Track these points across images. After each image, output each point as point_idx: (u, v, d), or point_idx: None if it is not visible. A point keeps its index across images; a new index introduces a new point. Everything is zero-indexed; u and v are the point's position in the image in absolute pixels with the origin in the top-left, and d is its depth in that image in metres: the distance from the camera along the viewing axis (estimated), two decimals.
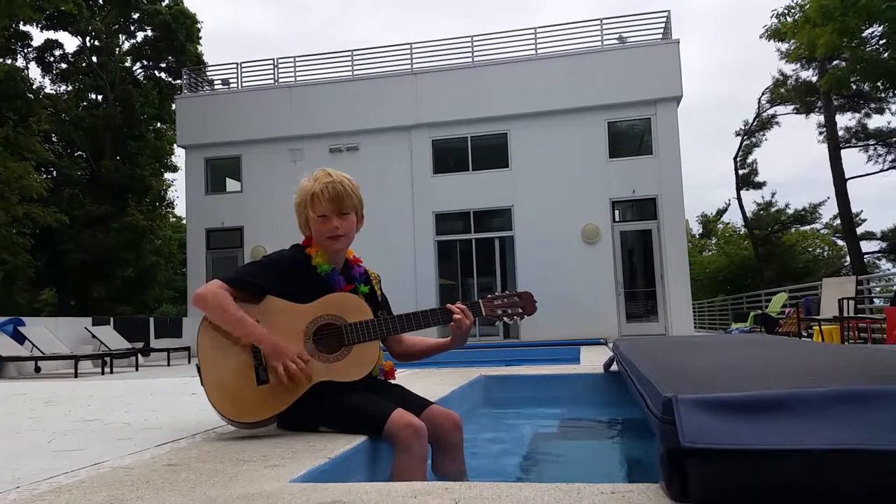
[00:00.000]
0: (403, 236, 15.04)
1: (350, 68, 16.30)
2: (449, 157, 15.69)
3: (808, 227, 36.71)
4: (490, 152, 15.37)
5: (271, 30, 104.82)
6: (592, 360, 5.67)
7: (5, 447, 2.19)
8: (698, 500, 1.16)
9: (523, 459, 2.92)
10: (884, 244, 31.04)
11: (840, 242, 34.60)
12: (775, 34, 18.15)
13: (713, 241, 43.18)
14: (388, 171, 15.21)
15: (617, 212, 14.67)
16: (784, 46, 23.14)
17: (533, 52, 15.47)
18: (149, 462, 1.78)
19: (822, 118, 26.92)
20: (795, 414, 1.20)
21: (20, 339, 10.08)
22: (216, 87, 17.76)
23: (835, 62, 20.12)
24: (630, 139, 15.51)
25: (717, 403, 1.21)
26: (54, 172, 26.27)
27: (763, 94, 31.53)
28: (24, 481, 1.59)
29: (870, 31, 15.54)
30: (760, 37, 18.71)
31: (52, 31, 26.64)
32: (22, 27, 25.08)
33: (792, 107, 29.72)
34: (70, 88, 28.30)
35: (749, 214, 34.73)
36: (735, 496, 1.13)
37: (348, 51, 16.31)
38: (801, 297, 12.58)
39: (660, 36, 15.18)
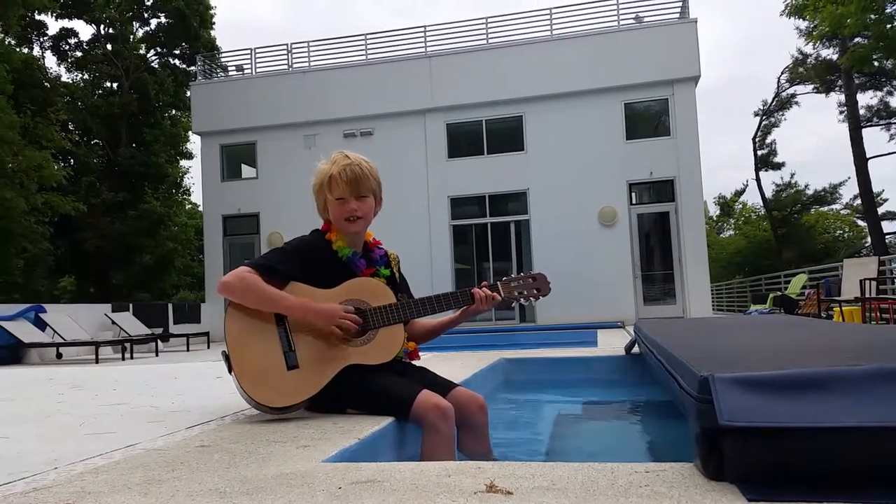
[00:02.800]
0: (419, 221, 15.02)
1: (364, 53, 16.23)
2: (463, 141, 15.61)
3: (828, 208, 36.27)
4: (505, 135, 15.28)
5: (279, 17, 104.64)
6: (611, 343, 5.66)
7: (38, 430, 2.22)
8: (735, 479, 1.16)
9: (548, 441, 2.92)
10: None
11: (861, 223, 34.13)
12: (796, 10, 17.81)
13: (732, 222, 42.79)
14: (402, 155, 15.17)
15: (634, 194, 14.55)
16: (803, 24, 22.76)
17: (548, 33, 15.30)
18: (181, 443, 1.80)
19: (842, 97, 26.48)
20: (834, 392, 1.18)
21: (41, 325, 10.22)
22: (230, 73, 17.77)
23: (856, 39, 19.74)
24: (647, 120, 15.35)
25: (755, 382, 1.20)
26: (72, 161, 26.51)
27: (782, 73, 31.12)
28: (61, 462, 1.62)
29: (893, 7, 15.19)
30: (781, 14, 18.40)
31: (66, 20, 26.84)
32: (37, 16, 25.22)
33: (812, 86, 29.27)
34: (86, 76, 28.47)
35: (768, 195, 34.36)
36: (772, 475, 1.12)
37: (362, 35, 16.21)
38: (821, 278, 12.43)
39: (677, 15, 14.96)
